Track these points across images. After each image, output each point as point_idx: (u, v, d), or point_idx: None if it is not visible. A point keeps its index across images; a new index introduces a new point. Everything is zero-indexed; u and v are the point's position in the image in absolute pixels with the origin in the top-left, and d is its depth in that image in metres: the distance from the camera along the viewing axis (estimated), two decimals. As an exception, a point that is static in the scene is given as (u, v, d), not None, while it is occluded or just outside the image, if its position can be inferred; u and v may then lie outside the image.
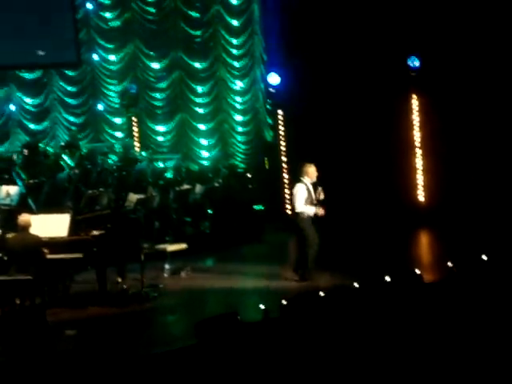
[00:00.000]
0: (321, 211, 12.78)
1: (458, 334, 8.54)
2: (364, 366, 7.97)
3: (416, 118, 16.99)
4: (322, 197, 12.82)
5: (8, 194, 14.24)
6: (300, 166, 13.10)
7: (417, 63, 16.51)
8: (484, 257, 10.98)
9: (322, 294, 9.75)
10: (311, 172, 12.89)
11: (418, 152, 17.01)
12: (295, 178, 13.34)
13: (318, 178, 12.94)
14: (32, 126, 21.17)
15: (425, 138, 16.93)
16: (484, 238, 14.07)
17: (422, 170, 17.00)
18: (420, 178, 17.04)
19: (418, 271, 10.78)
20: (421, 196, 17.06)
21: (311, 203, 12.79)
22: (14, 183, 15.71)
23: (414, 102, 16.99)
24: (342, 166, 17.06)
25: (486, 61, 15.92)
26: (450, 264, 10.78)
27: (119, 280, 12.49)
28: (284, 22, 17.78)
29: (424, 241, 16.32)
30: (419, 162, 17.00)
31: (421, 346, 8.31)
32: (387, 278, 10.23)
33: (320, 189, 12.84)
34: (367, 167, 16.96)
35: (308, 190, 12.86)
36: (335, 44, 16.98)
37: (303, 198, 12.78)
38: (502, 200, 15.78)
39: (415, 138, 17.01)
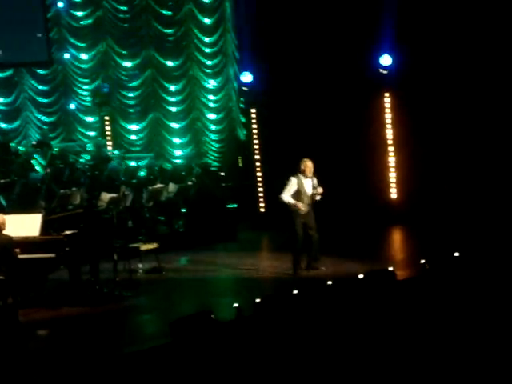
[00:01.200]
0: (299, 205, 12.99)
1: (430, 330, 8.59)
2: (338, 362, 8.00)
3: (388, 115, 17.05)
4: (319, 191, 13.10)
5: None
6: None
7: (389, 62, 16.57)
8: (456, 254, 11.05)
9: (295, 291, 9.76)
10: (305, 167, 13.12)
11: (391, 149, 17.07)
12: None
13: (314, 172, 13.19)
14: (3, 125, 21.02)
15: (397, 136, 16.99)
16: (456, 234, 14.16)
17: (395, 168, 17.06)
18: (392, 176, 17.10)
19: (390, 268, 10.82)
20: (393, 193, 17.13)
21: (301, 197, 13.01)
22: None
23: (387, 100, 17.05)
24: (315, 163, 17.07)
25: (458, 58, 16.00)
26: (422, 261, 10.83)
27: (92, 279, 12.43)
28: (256, 20, 17.76)
29: (397, 238, 16.39)
30: (392, 160, 17.07)
31: (394, 343, 8.35)
32: (361, 275, 10.26)
33: (318, 188, 13.12)
34: (340, 165, 16.99)
35: (300, 183, 13.03)
36: (308, 42, 16.99)
37: (289, 190, 13.04)
38: (473, 197, 15.88)
39: (388, 135, 17.07)
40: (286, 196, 13.10)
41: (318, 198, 13.16)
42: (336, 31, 16.78)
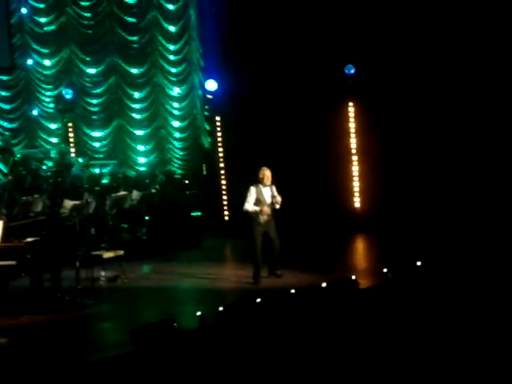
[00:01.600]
0: (264, 209, 13.03)
1: (392, 338, 8.63)
2: (300, 370, 8.01)
3: (352, 124, 17.14)
4: (278, 199, 13.13)
5: None
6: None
7: (353, 71, 16.66)
8: (418, 263, 11.12)
9: (258, 300, 9.76)
10: (263, 175, 13.16)
11: (354, 158, 17.15)
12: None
13: (272, 181, 13.23)
14: (-36, 132, 20.79)
15: (361, 145, 17.09)
16: (418, 244, 14.26)
17: (358, 176, 17.15)
18: (356, 185, 17.18)
19: (353, 277, 10.87)
20: (357, 202, 17.20)
21: (260, 205, 13.07)
22: None
23: (351, 109, 17.14)
24: (280, 172, 17.12)
25: (421, 67, 16.13)
26: (384, 270, 10.89)
27: (54, 287, 12.32)
28: (221, 28, 17.79)
29: (359, 247, 16.46)
30: (355, 169, 17.15)
31: (356, 351, 8.37)
32: (324, 284, 10.29)
33: (277, 196, 13.15)
34: (304, 173, 17.05)
35: (259, 192, 13.08)
36: (273, 51, 17.05)
37: (250, 200, 13.08)
38: (435, 206, 16.00)
39: (351, 144, 17.15)
40: (250, 205, 13.13)
41: (277, 206, 13.19)
42: (301, 40, 16.86)
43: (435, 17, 15.93)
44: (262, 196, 13.14)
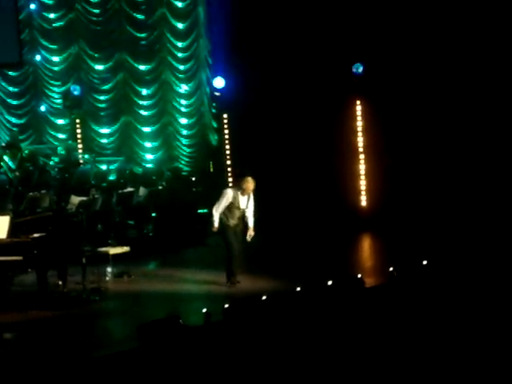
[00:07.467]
0: (214, 227, 12.91)
1: (397, 337, 8.63)
2: (305, 369, 8.01)
3: (359, 123, 17.13)
4: (251, 233, 12.81)
5: None
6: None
7: (360, 69, 16.65)
8: (424, 262, 11.12)
9: (264, 297, 9.77)
10: (246, 187, 12.81)
11: (361, 157, 17.15)
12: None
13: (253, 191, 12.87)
14: (-28, 127, 20.85)
15: (368, 143, 17.08)
16: (424, 243, 14.25)
17: (365, 175, 17.14)
18: (363, 183, 17.18)
19: (359, 276, 10.87)
20: (363, 201, 17.20)
21: (233, 210, 12.81)
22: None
23: (358, 108, 17.13)
24: (286, 170, 17.15)
25: (428, 66, 16.12)
26: (391, 269, 10.89)
27: (60, 283, 12.36)
28: (229, 25, 17.79)
29: (366, 245, 16.46)
30: (362, 167, 17.15)
31: (362, 350, 8.38)
32: (329, 282, 10.29)
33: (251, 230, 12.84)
34: (311, 171, 17.06)
35: (235, 197, 12.82)
36: (280, 49, 17.06)
37: (223, 203, 12.82)
38: (442, 205, 15.98)
39: (358, 143, 17.15)
40: (216, 209, 12.84)
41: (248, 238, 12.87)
42: (309, 39, 16.85)
43: (442, 16, 15.91)
44: (238, 202, 12.80)
